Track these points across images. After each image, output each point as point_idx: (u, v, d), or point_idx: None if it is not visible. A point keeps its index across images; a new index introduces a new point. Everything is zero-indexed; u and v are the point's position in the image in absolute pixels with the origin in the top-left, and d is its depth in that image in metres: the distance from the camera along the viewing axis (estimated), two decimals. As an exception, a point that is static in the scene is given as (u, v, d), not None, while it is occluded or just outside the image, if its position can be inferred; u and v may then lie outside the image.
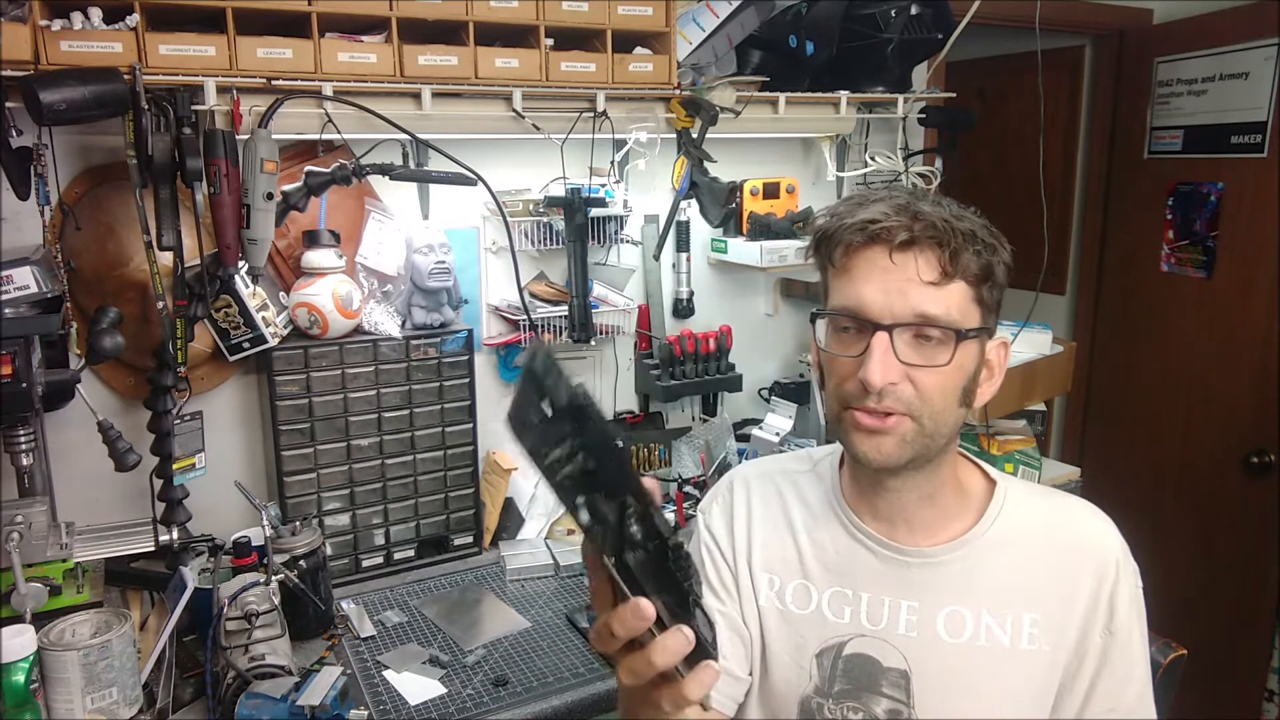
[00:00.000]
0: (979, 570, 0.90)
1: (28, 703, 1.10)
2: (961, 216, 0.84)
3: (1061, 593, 0.89)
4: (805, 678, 0.94)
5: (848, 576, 0.94)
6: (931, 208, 0.84)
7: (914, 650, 0.90)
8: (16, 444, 1.34)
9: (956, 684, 0.88)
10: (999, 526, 0.92)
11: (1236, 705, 2.62)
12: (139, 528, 1.51)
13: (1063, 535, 0.92)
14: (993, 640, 0.88)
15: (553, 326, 1.89)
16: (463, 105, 1.61)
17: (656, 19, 1.71)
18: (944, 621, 0.90)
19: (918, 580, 0.91)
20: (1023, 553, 0.90)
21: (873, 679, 0.91)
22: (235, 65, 1.38)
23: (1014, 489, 0.95)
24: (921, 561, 0.91)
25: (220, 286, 1.54)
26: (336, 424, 1.70)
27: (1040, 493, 0.98)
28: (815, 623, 0.94)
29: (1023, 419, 2.02)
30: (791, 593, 0.96)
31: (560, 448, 0.61)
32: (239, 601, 1.33)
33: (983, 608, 0.89)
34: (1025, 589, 0.89)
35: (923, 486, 0.91)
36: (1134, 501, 2.80)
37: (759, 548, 0.99)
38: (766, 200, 2.05)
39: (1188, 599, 2.68)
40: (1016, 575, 0.90)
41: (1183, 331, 2.68)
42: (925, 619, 0.90)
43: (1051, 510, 0.95)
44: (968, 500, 0.94)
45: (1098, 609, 0.89)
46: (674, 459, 2.10)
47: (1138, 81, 2.76)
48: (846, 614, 0.93)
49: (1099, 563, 0.90)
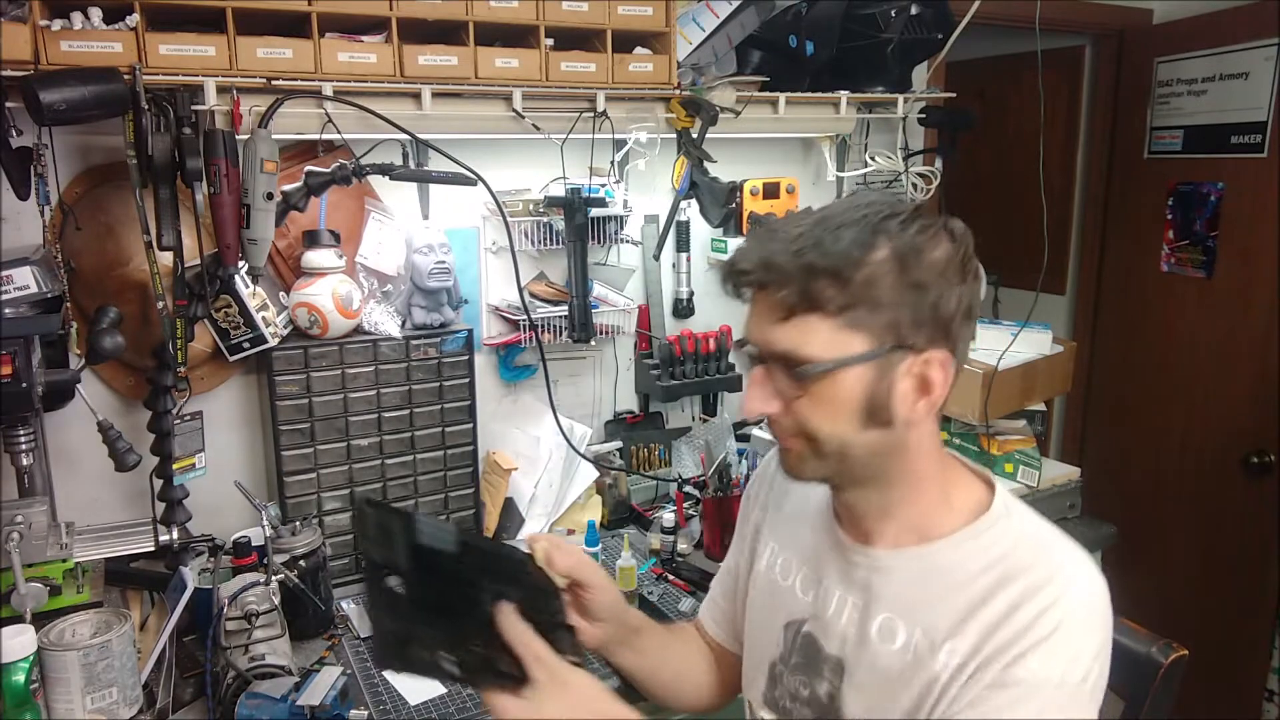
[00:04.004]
0: (920, 585, 0.88)
1: (28, 703, 1.10)
2: (819, 244, 0.80)
3: (982, 628, 0.83)
4: (774, 645, 1.01)
5: (816, 562, 0.99)
6: (783, 244, 0.81)
7: (850, 645, 0.93)
8: (16, 444, 1.34)
9: (878, 686, 0.90)
10: (958, 550, 0.88)
11: (1236, 705, 2.62)
12: (139, 528, 1.51)
13: (1015, 582, 0.83)
14: (917, 656, 0.86)
15: (553, 326, 1.89)
16: (463, 105, 1.61)
17: (656, 19, 1.71)
18: (878, 626, 0.90)
19: (863, 580, 0.92)
20: (966, 580, 0.85)
21: (817, 660, 0.96)
22: (235, 65, 1.38)
23: (1004, 523, 0.88)
24: (868, 564, 0.92)
25: (220, 286, 1.54)
26: (336, 424, 1.70)
27: (1029, 535, 0.88)
28: (788, 596, 1.01)
29: (1023, 419, 2.02)
30: (780, 565, 1.04)
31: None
32: (239, 601, 1.33)
33: (915, 623, 0.87)
34: (954, 615, 0.84)
35: (874, 500, 0.91)
36: (1134, 501, 2.80)
37: (776, 518, 1.07)
38: (766, 200, 2.05)
39: (1188, 599, 2.69)
40: (953, 599, 0.85)
41: (1183, 331, 2.68)
42: (864, 618, 0.92)
43: (1023, 551, 0.86)
44: (945, 517, 0.90)
45: (1003, 653, 0.81)
46: (674, 459, 2.10)
47: (1138, 81, 2.76)
48: (810, 595, 0.98)
49: (1032, 617, 0.81)
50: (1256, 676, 2.59)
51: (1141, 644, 1.19)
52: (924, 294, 0.81)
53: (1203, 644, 1.55)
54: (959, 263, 0.84)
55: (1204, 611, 2.64)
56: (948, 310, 0.83)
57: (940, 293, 0.82)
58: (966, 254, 0.85)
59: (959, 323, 0.84)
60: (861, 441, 0.86)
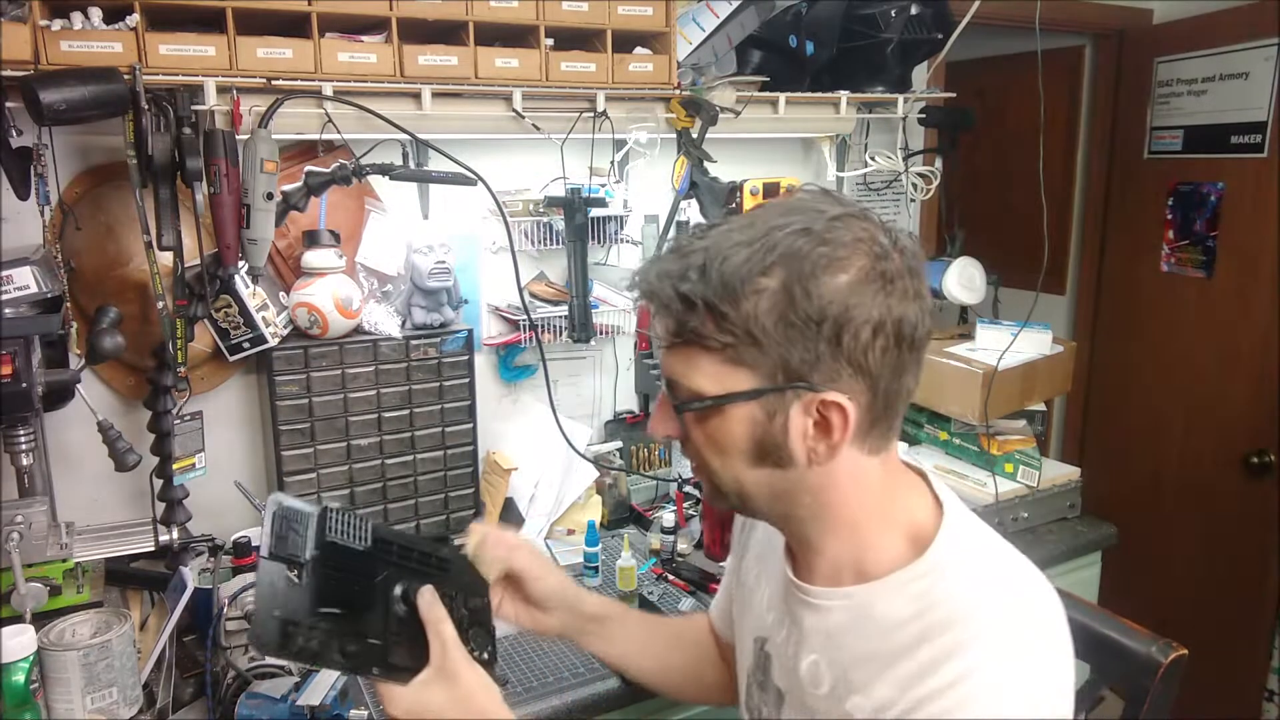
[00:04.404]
0: (847, 630, 0.82)
1: (28, 703, 1.10)
2: (703, 270, 0.73)
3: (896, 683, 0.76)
4: (748, 655, 0.98)
5: (775, 583, 0.94)
6: (674, 265, 0.76)
7: (788, 678, 0.89)
8: (16, 444, 1.34)
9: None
10: (889, 594, 0.79)
11: (1236, 705, 2.62)
12: (139, 528, 1.51)
13: (937, 639, 0.75)
14: (837, 702, 0.81)
15: (553, 326, 1.89)
16: (463, 105, 1.61)
17: (656, 19, 1.71)
18: (806, 666, 0.86)
19: (798, 616, 0.88)
20: (891, 628, 0.78)
21: (769, 684, 0.93)
22: (235, 65, 1.38)
23: (941, 569, 0.79)
24: (803, 599, 0.87)
25: (220, 286, 1.54)
26: (336, 424, 1.70)
27: (966, 583, 0.78)
28: (758, 609, 0.97)
29: (1023, 419, 2.02)
30: (755, 575, 1.00)
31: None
32: (239, 601, 1.33)
33: (839, 668, 0.82)
34: (872, 667, 0.78)
35: (796, 535, 0.86)
36: (1134, 501, 2.80)
37: (757, 524, 1.02)
38: (766, 200, 2.05)
39: (1188, 599, 2.69)
40: (874, 649, 0.79)
41: (1183, 331, 2.68)
42: (796, 654, 0.88)
43: (954, 604, 0.76)
44: (881, 554, 0.82)
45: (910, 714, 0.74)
46: (674, 459, 2.10)
47: (1138, 81, 2.76)
48: (771, 616, 0.94)
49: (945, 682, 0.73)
50: (1256, 676, 2.59)
51: (1141, 644, 1.19)
52: (816, 329, 0.72)
53: (1203, 644, 1.55)
54: (877, 284, 0.73)
55: (1204, 611, 2.64)
56: (856, 343, 0.73)
57: (841, 325, 0.72)
58: (888, 273, 0.74)
59: (879, 354, 0.74)
60: (755, 480, 0.80)
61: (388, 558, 0.85)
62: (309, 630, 0.76)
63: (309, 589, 0.77)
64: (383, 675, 0.81)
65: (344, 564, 0.81)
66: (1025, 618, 0.77)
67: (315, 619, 0.77)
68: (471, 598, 0.94)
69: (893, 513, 0.83)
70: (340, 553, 0.80)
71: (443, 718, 0.81)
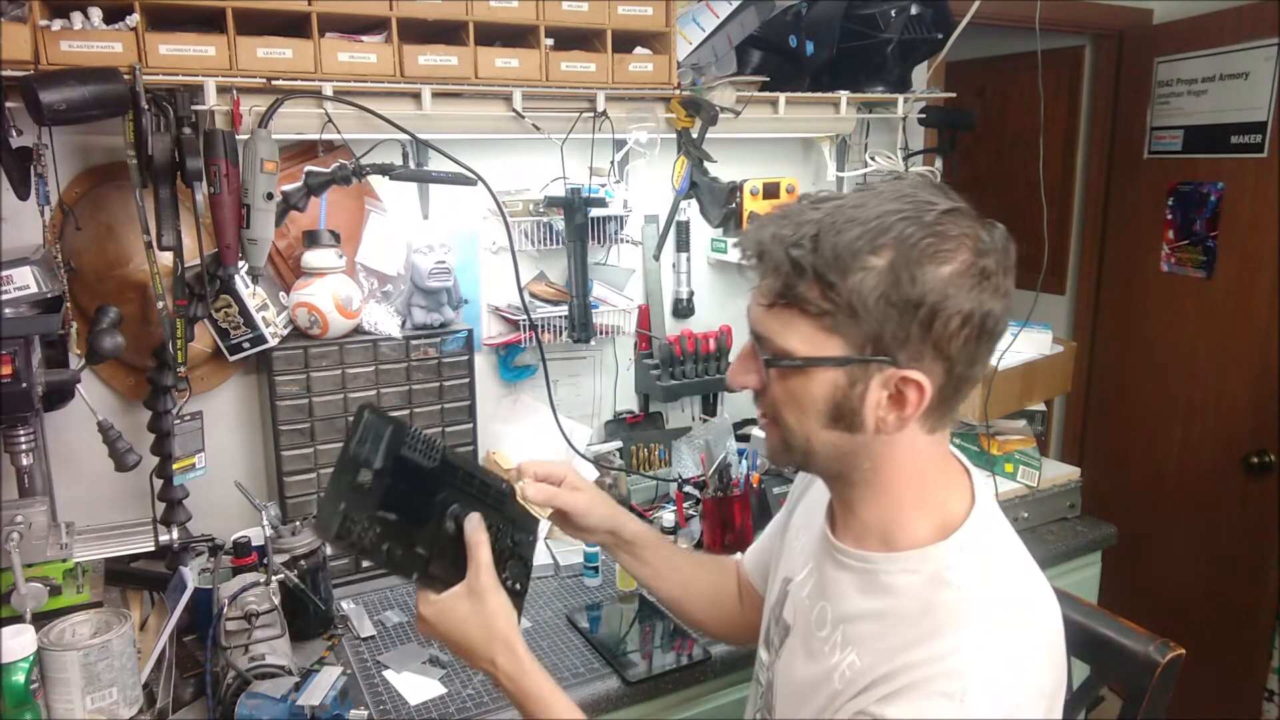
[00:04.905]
0: (858, 591, 0.88)
1: (28, 703, 1.10)
2: (816, 240, 0.78)
3: (884, 651, 0.81)
4: (774, 593, 1.05)
5: (813, 533, 1.01)
6: (787, 230, 0.80)
7: (798, 614, 0.96)
8: (16, 444, 1.34)
9: (800, 661, 0.93)
10: (905, 570, 0.85)
11: (1236, 705, 2.62)
12: (139, 528, 1.51)
13: (929, 622, 0.80)
14: (830, 650, 0.88)
15: (553, 326, 1.90)
16: (463, 105, 1.61)
17: (656, 19, 1.71)
18: (817, 611, 0.93)
19: (822, 563, 0.95)
20: (896, 603, 0.84)
21: (782, 617, 1.00)
22: (235, 65, 1.38)
23: (953, 563, 0.83)
24: (830, 550, 0.93)
25: (220, 286, 1.54)
26: (336, 424, 1.70)
27: (974, 582, 0.82)
28: (792, 554, 1.05)
29: (1023, 419, 2.02)
30: (796, 526, 1.07)
31: None
32: (239, 601, 1.33)
33: (841, 622, 0.88)
34: (871, 629, 0.84)
35: (841, 494, 0.92)
36: (1134, 501, 2.80)
37: (814, 486, 1.08)
38: (766, 200, 2.05)
39: (1188, 599, 2.69)
40: (877, 615, 0.85)
41: (1183, 331, 2.68)
42: (811, 596, 0.95)
43: (956, 604, 0.81)
44: (911, 530, 0.87)
45: (886, 682, 0.79)
46: (674, 459, 2.10)
47: (1138, 81, 2.76)
48: (800, 559, 1.01)
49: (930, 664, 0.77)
50: (1256, 676, 2.59)
51: (1139, 643, 1.19)
52: (913, 311, 0.77)
53: (1203, 644, 1.56)
54: (974, 279, 0.78)
55: (1204, 611, 2.64)
56: (945, 330, 0.78)
57: (936, 311, 0.77)
58: (986, 269, 0.78)
59: (961, 343, 0.79)
60: (824, 440, 0.85)
61: (450, 480, 0.94)
62: (365, 528, 0.85)
63: (375, 492, 0.86)
64: (421, 582, 0.92)
65: (410, 478, 0.90)
66: (1027, 614, 0.83)
67: (374, 520, 0.86)
68: (518, 533, 1.03)
69: (931, 496, 0.88)
70: (408, 467, 0.89)
71: (463, 629, 0.92)
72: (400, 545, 0.88)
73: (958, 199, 0.82)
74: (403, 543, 0.89)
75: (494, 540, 0.95)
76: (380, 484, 0.87)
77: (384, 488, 0.87)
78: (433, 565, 0.92)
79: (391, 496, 0.88)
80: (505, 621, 0.93)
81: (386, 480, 0.87)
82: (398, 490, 0.88)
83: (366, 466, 0.86)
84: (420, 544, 0.91)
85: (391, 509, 0.88)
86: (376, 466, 0.86)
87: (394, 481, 0.88)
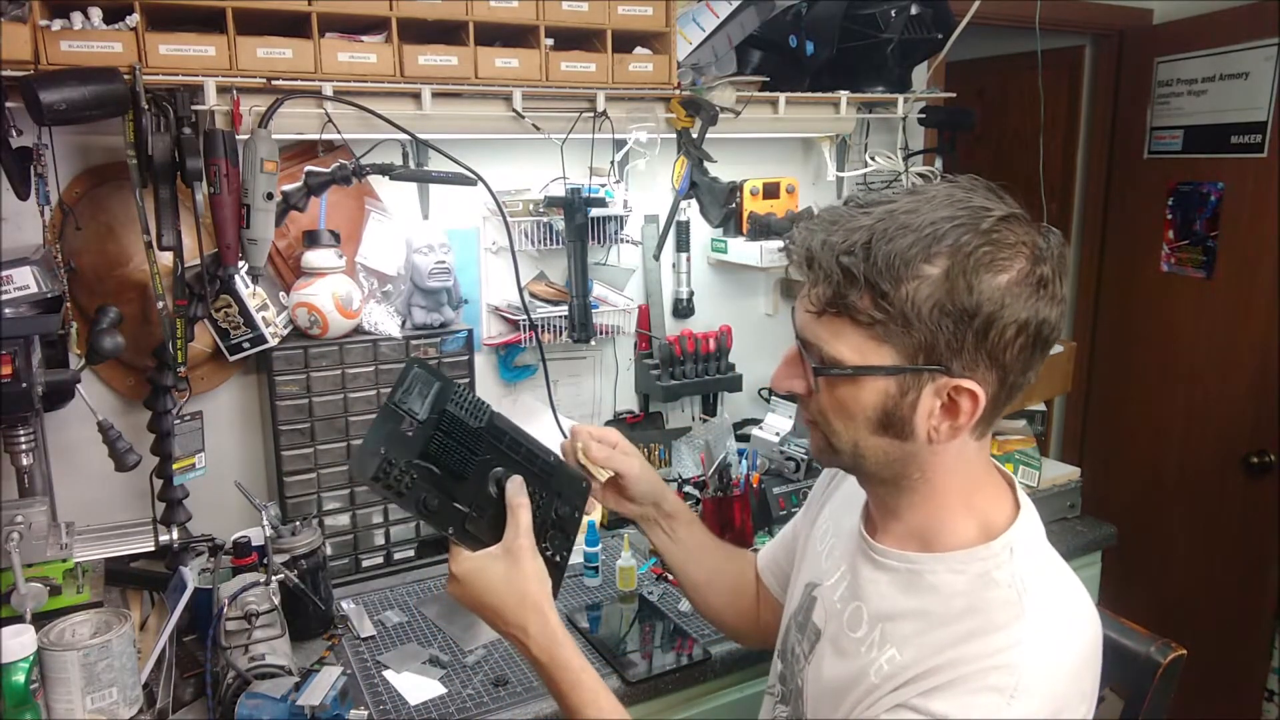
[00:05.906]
0: (898, 591, 0.87)
1: (28, 703, 1.10)
2: (868, 247, 0.76)
3: (927, 649, 0.81)
4: (795, 600, 1.04)
5: (843, 536, 1.00)
6: (837, 236, 0.78)
7: (829, 618, 0.95)
8: (16, 444, 1.34)
9: (831, 662, 0.92)
10: (948, 572, 0.84)
11: (1236, 705, 2.62)
12: (139, 528, 1.51)
13: (974, 621, 0.79)
14: (867, 649, 0.87)
15: (553, 326, 1.89)
16: (463, 105, 1.61)
17: (656, 19, 1.71)
18: (850, 611, 0.91)
19: (857, 565, 0.93)
20: (938, 603, 0.83)
21: (809, 621, 0.98)
22: (235, 65, 1.38)
23: (999, 563, 0.82)
24: (867, 552, 0.92)
25: (220, 286, 1.54)
26: (336, 424, 1.70)
27: (1018, 585, 0.81)
28: (817, 560, 1.03)
29: (1023, 419, 2.02)
30: (822, 533, 1.05)
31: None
32: (239, 601, 1.33)
33: (879, 621, 0.87)
34: (911, 628, 0.84)
35: (884, 498, 0.91)
36: (1134, 501, 2.80)
37: (839, 492, 1.08)
38: (766, 200, 2.05)
39: (1188, 599, 2.69)
40: (918, 614, 0.84)
41: (1183, 331, 2.68)
42: (845, 599, 0.93)
43: (1003, 604, 0.80)
44: (953, 534, 0.87)
45: (928, 678, 0.79)
46: (674, 459, 2.10)
47: (1138, 81, 2.76)
48: (829, 564, 0.99)
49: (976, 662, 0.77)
50: (1256, 676, 2.59)
51: (1140, 643, 1.19)
52: (969, 321, 0.75)
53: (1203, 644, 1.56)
54: (1031, 287, 0.76)
55: (1204, 611, 2.64)
56: (1000, 339, 0.77)
57: (992, 321, 0.76)
58: (1044, 277, 0.77)
59: (1016, 351, 0.78)
60: (874, 445, 0.84)
61: (497, 443, 0.95)
62: (402, 472, 0.86)
63: (415, 441, 0.88)
64: (456, 537, 0.91)
65: (454, 433, 0.91)
66: (1075, 615, 0.82)
67: (412, 466, 0.87)
68: (563, 506, 1.02)
69: (975, 500, 0.88)
70: (453, 422, 0.91)
71: (496, 591, 0.90)
72: (437, 497, 0.88)
73: (1014, 204, 0.81)
74: (441, 495, 0.89)
75: (536, 509, 0.94)
76: (423, 434, 0.88)
77: (426, 438, 0.88)
78: (469, 523, 0.91)
79: (433, 447, 0.88)
80: (539, 587, 0.91)
81: (430, 432, 0.88)
82: (440, 443, 0.89)
83: (411, 416, 0.87)
84: (459, 500, 0.90)
85: (432, 461, 0.88)
86: (421, 418, 0.87)
87: (437, 434, 0.89)
